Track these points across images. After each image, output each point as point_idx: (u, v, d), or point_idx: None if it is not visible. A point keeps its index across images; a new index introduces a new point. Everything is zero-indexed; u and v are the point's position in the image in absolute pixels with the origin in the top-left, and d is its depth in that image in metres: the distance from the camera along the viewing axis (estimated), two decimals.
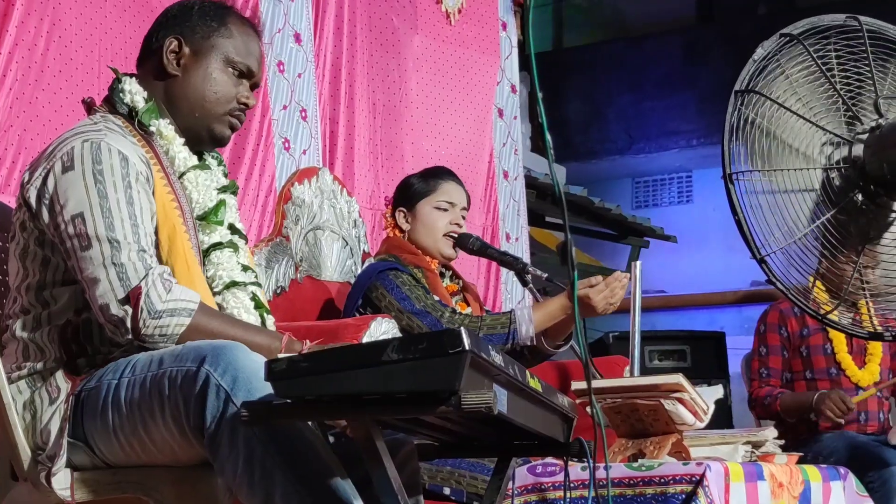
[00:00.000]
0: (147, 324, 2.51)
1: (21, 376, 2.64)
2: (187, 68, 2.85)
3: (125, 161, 2.61)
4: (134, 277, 2.52)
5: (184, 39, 2.85)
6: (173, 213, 2.71)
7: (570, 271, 2.37)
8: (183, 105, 2.86)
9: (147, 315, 2.50)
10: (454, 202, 4.24)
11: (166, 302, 2.52)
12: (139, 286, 2.51)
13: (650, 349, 7.16)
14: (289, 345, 2.62)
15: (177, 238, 2.68)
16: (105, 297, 2.53)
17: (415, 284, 3.99)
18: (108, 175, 2.58)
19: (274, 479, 2.28)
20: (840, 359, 5.30)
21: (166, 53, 2.85)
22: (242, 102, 2.89)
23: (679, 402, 3.40)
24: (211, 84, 2.85)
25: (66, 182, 2.59)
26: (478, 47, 6.49)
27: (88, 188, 2.57)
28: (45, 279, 2.66)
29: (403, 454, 2.76)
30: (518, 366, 2.27)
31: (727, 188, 3.44)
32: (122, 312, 2.52)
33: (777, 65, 3.51)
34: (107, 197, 2.56)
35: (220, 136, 2.90)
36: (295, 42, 5.28)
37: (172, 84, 2.86)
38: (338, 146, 5.55)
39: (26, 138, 3.96)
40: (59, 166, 2.60)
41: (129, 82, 2.85)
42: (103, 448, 2.55)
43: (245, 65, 2.89)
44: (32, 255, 2.67)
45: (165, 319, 2.51)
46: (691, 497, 3.11)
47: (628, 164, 13.17)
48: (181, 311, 2.53)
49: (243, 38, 2.90)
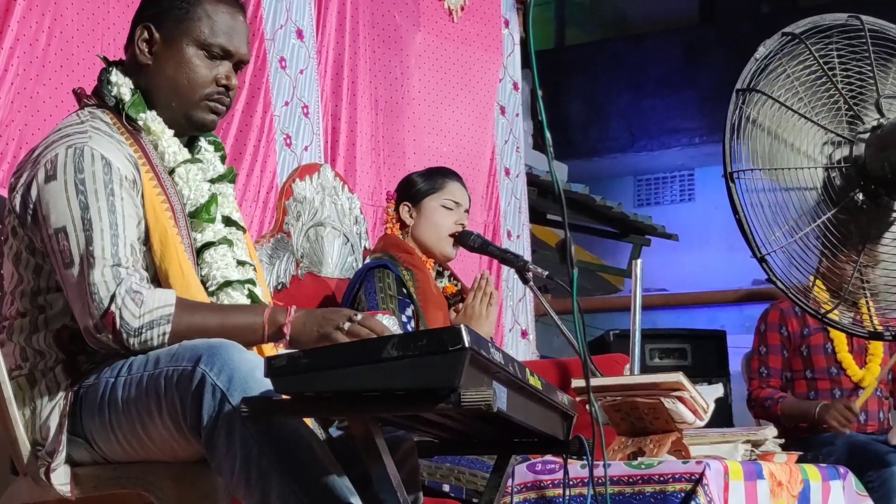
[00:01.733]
0: (130, 342, 2.49)
1: (22, 373, 2.64)
2: (159, 56, 2.78)
3: (108, 167, 2.57)
4: (106, 298, 2.48)
5: (154, 27, 2.77)
6: (164, 215, 2.67)
7: (570, 269, 2.37)
8: (159, 95, 2.78)
9: (127, 335, 2.48)
10: (459, 202, 4.24)
11: (141, 317, 2.49)
12: (111, 311, 2.47)
13: (651, 347, 7.16)
14: (272, 316, 2.55)
15: (169, 242, 2.64)
16: (84, 321, 2.51)
17: (392, 295, 3.97)
18: (90, 183, 2.54)
19: (270, 480, 2.28)
20: (841, 358, 5.30)
21: (137, 43, 2.78)
22: (222, 84, 2.80)
23: (679, 401, 3.40)
24: (183, 70, 2.76)
25: (49, 193, 2.56)
26: (480, 44, 6.48)
27: (70, 200, 2.53)
28: (38, 285, 2.65)
29: (403, 451, 2.75)
30: (518, 363, 2.27)
31: (728, 187, 3.44)
32: (104, 338, 2.50)
33: (779, 64, 3.50)
34: (88, 207, 2.53)
35: (202, 122, 2.81)
36: (297, 38, 5.27)
37: (147, 74, 2.78)
38: (339, 143, 5.54)
39: (27, 133, 3.95)
40: (42, 175, 2.57)
41: (116, 73, 2.79)
42: (102, 444, 2.55)
43: (220, 45, 2.78)
44: (25, 261, 2.66)
45: (146, 333, 2.49)
46: (690, 495, 3.11)
47: (630, 161, 13.19)
48: (158, 320, 2.50)
49: (218, 17, 2.79)
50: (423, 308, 4.01)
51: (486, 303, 4.02)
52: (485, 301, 4.02)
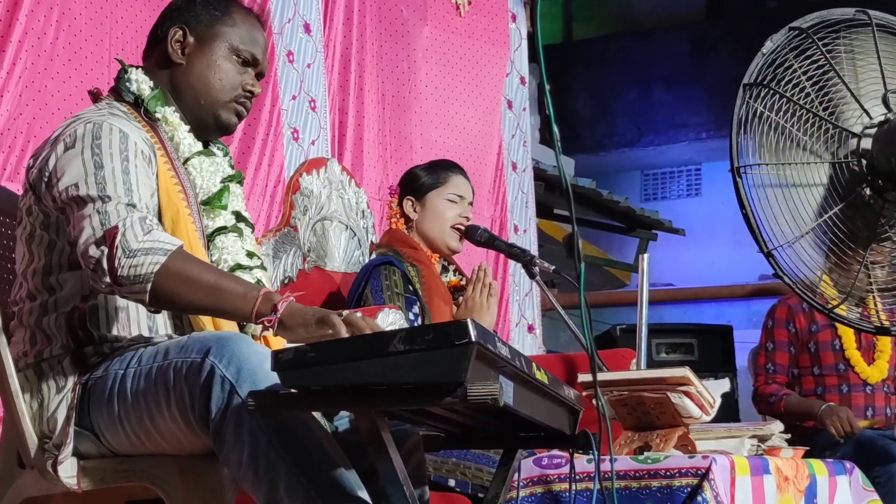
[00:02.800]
0: (122, 263, 2.43)
1: (28, 364, 2.64)
2: (192, 57, 2.86)
3: (125, 137, 2.61)
4: (115, 220, 2.48)
5: (188, 29, 2.86)
6: (177, 196, 2.70)
7: (577, 264, 2.37)
8: (188, 93, 2.87)
9: (122, 254, 2.44)
10: (463, 195, 4.24)
11: (142, 241, 2.45)
12: (116, 226, 2.46)
13: (657, 342, 7.17)
14: (268, 293, 2.49)
15: (180, 221, 2.66)
16: (86, 242, 2.48)
17: (399, 293, 3.97)
18: (106, 148, 2.57)
19: (278, 472, 2.28)
20: (849, 355, 5.29)
21: (171, 42, 2.86)
22: (248, 90, 2.90)
23: (685, 396, 3.39)
24: (216, 72, 2.86)
25: (66, 159, 2.58)
26: (487, 39, 6.48)
27: (85, 161, 2.56)
28: (50, 263, 2.66)
29: (409, 445, 2.76)
30: (525, 358, 2.27)
31: (735, 181, 3.43)
32: (98, 253, 2.46)
33: (786, 58, 3.50)
34: (102, 167, 2.55)
35: (227, 123, 2.91)
36: (304, 32, 5.28)
37: (177, 73, 2.87)
38: (347, 137, 5.55)
39: (35, 127, 3.97)
40: (61, 147, 2.60)
41: (136, 72, 2.86)
42: (109, 437, 2.55)
43: (250, 52, 2.89)
44: (38, 238, 2.67)
45: (140, 258, 2.43)
46: (697, 490, 3.10)
47: (637, 156, 13.19)
48: (157, 250, 2.45)
49: (247, 27, 2.91)
50: (429, 303, 4.01)
51: (486, 294, 4.03)
52: (485, 292, 4.02)
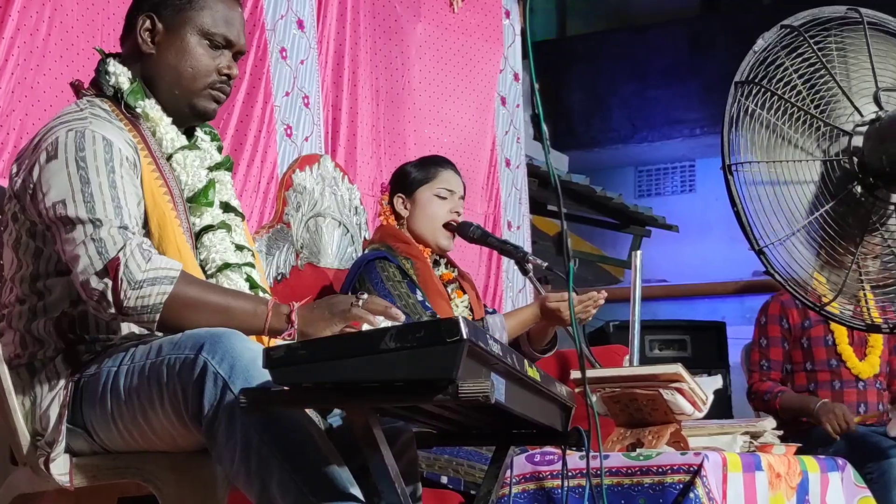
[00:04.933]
0: (128, 295, 2.45)
1: (21, 363, 2.65)
2: (162, 46, 2.81)
3: (109, 146, 2.58)
4: (112, 249, 2.48)
5: (156, 16, 2.80)
6: (162, 199, 2.68)
7: (566, 262, 2.38)
8: (161, 84, 2.81)
9: (127, 286, 2.45)
10: (453, 190, 4.23)
11: (146, 272, 2.47)
12: (117, 257, 2.46)
13: (651, 338, 7.17)
14: (276, 306, 2.55)
15: (167, 225, 2.65)
16: (85, 273, 2.49)
17: (399, 281, 3.96)
18: (91, 160, 2.55)
19: (271, 468, 2.29)
20: (841, 350, 5.30)
21: (140, 32, 2.80)
22: (224, 73, 2.84)
23: (678, 392, 3.40)
24: (187, 59, 2.80)
25: (49, 171, 2.56)
26: (481, 35, 6.47)
27: (71, 175, 2.54)
28: (38, 270, 2.65)
29: (402, 442, 2.76)
30: (516, 355, 2.27)
31: (726, 179, 3.44)
32: (101, 286, 2.47)
33: (777, 56, 3.51)
34: (89, 182, 2.53)
35: (204, 110, 2.85)
36: (298, 29, 5.27)
37: (149, 63, 2.81)
38: (340, 133, 5.54)
39: (28, 123, 3.96)
40: (43, 157, 2.58)
41: (114, 63, 2.81)
42: (102, 434, 2.56)
43: (222, 35, 2.83)
44: (25, 246, 2.66)
45: (146, 289, 2.46)
46: (689, 487, 3.11)
47: (631, 152, 13.18)
48: (162, 279, 2.47)
49: (219, 7, 2.83)
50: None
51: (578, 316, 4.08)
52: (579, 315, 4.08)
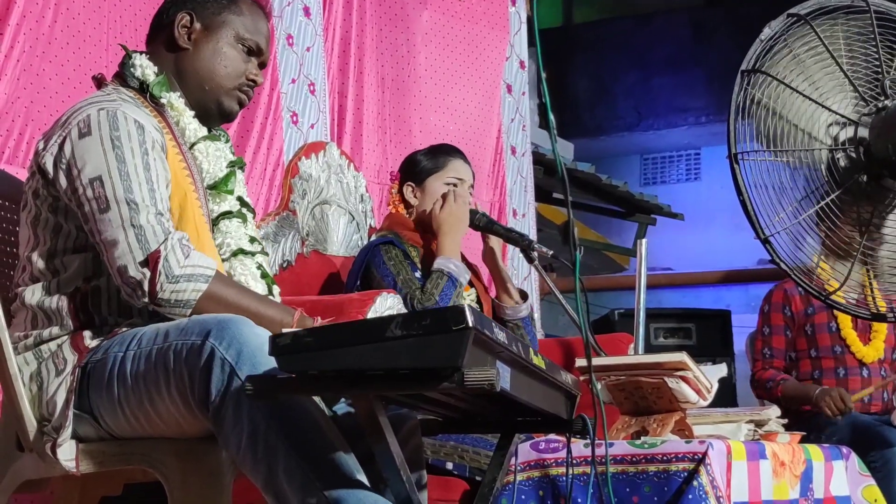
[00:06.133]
0: (164, 287, 2.52)
1: (28, 346, 2.66)
2: (198, 43, 2.91)
3: (141, 129, 2.63)
4: (153, 241, 2.54)
5: (195, 14, 2.91)
6: (185, 181, 2.74)
7: (572, 251, 2.38)
8: (193, 79, 2.91)
9: (165, 279, 2.52)
10: (463, 178, 4.23)
11: (184, 267, 2.53)
12: (158, 250, 2.53)
13: (656, 326, 7.17)
14: (301, 320, 2.63)
15: (188, 206, 2.71)
16: (123, 259, 2.54)
17: (402, 261, 3.97)
18: (126, 141, 2.60)
19: (277, 455, 2.29)
20: (845, 335, 5.30)
21: (178, 27, 2.90)
22: (251, 79, 2.95)
23: (682, 381, 3.40)
24: (221, 59, 2.91)
25: (84, 147, 2.60)
26: (487, 22, 6.47)
27: (106, 152, 2.59)
28: (56, 246, 2.68)
29: (407, 429, 2.77)
30: (522, 343, 2.28)
31: (732, 168, 3.44)
32: (139, 275, 2.53)
33: (784, 45, 3.50)
34: (125, 161, 2.58)
35: (229, 110, 2.96)
36: (304, 15, 5.27)
37: (183, 58, 2.91)
38: (346, 120, 5.54)
39: (33, 110, 3.97)
40: (75, 132, 2.62)
41: (139, 58, 2.89)
42: (109, 420, 2.56)
43: (254, 42, 2.95)
44: (44, 222, 2.69)
45: (182, 284, 2.53)
46: (693, 475, 3.11)
47: (637, 140, 13.17)
48: (198, 276, 2.54)
49: (253, 17, 2.96)
50: None
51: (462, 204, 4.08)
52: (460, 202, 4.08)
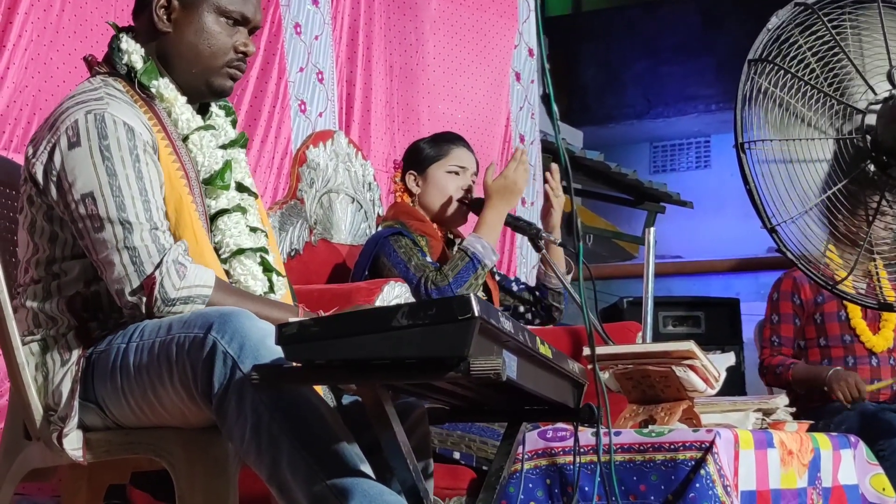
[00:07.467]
0: (161, 310, 2.51)
1: (34, 339, 2.65)
2: (178, 23, 2.76)
3: (131, 132, 2.57)
4: (148, 263, 2.50)
5: None
6: (179, 182, 2.66)
7: (576, 241, 2.38)
8: (179, 62, 2.78)
9: (161, 304, 2.50)
10: (466, 166, 4.23)
11: (180, 290, 2.50)
12: (153, 275, 2.50)
13: (664, 315, 7.15)
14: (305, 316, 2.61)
15: (184, 210, 2.64)
16: (119, 283, 2.52)
17: (412, 247, 3.97)
18: (116, 150, 2.54)
19: (281, 446, 2.29)
20: (855, 324, 5.28)
21: (156, 9, 2.76)
22: (241, 51, 2.80)
23: (690, 369, 3.40)
24: (205, 37, 2.76)
25: (73, 160, 2.55)
26: (495, 10, 6.47)
27: (97, 165, 2.53)
28: (54, 254, 2.65)
29: (414, 418, 2.77)
30: (528, 332, 2.28)
31: (739, 157, 3.43)
32: (135, 299, 2.51)
33: (791, 34, 3.50)
34: (116, 174, 2.53)
35: (221, 88, 2.82)
36: (312, 4, 5.27)
37: (165, 41, 2.78)
38: (354, 109, 5.55)
39: (41, 99, 3.98)
40: (64, 142, 2.56)
41: (126, 40, 2.78)
42: (114, 410, 2.56)
43: (239, 12, 2.79)
44: (41, 230, 2.65)
45: (179, 307, 2.51)
46: (701, 464, 3.12)
47: (646, 128, 13.14)
48: (195, 297, 2.52)
49: None
50: None
51: (523, 172, 4.06)
52: (520, 169, 4.05)
